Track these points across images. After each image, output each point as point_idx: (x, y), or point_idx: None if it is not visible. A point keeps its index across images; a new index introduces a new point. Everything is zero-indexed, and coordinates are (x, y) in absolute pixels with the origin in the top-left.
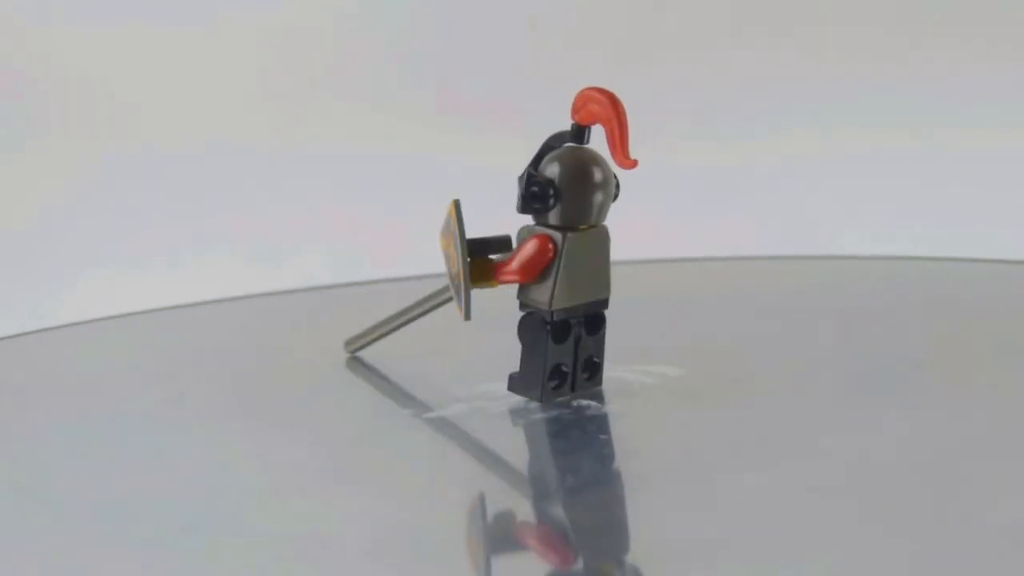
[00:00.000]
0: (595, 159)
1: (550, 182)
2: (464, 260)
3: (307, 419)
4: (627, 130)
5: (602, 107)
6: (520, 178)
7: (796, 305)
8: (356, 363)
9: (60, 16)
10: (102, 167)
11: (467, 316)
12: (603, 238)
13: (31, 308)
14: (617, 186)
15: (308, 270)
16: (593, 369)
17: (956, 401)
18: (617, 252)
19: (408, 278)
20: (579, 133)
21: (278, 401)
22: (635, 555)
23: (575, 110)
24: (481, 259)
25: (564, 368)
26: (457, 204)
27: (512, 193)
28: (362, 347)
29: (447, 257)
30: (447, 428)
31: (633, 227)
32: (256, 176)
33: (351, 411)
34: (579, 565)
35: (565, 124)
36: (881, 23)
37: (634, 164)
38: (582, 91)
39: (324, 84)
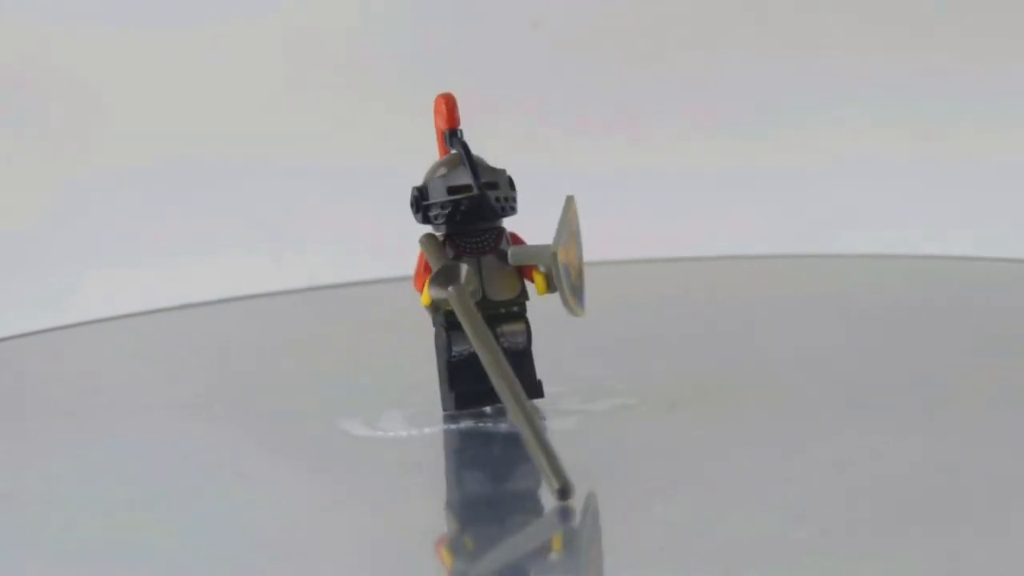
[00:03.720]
0: None
1: None
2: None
3: (307, 419)
4: None
5: None
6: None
7: (793, 305)
8: (359, 364)
9: (61, 17)
10: (103, 167)
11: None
12: None
13: (30, 309)
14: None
15: (308, 270)
16: None
17: (961, 414)
18: (614, 252)
19: (408, 278)
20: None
21: (278, 401)
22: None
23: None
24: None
25: None
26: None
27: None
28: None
29: (567, 266)
30: (452, 434)
31: (630, 227)
32: (257, 176)
33: (351, 412)
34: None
35: (566, 124)
36: (883, 22)
37: None
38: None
39: (325, 84)
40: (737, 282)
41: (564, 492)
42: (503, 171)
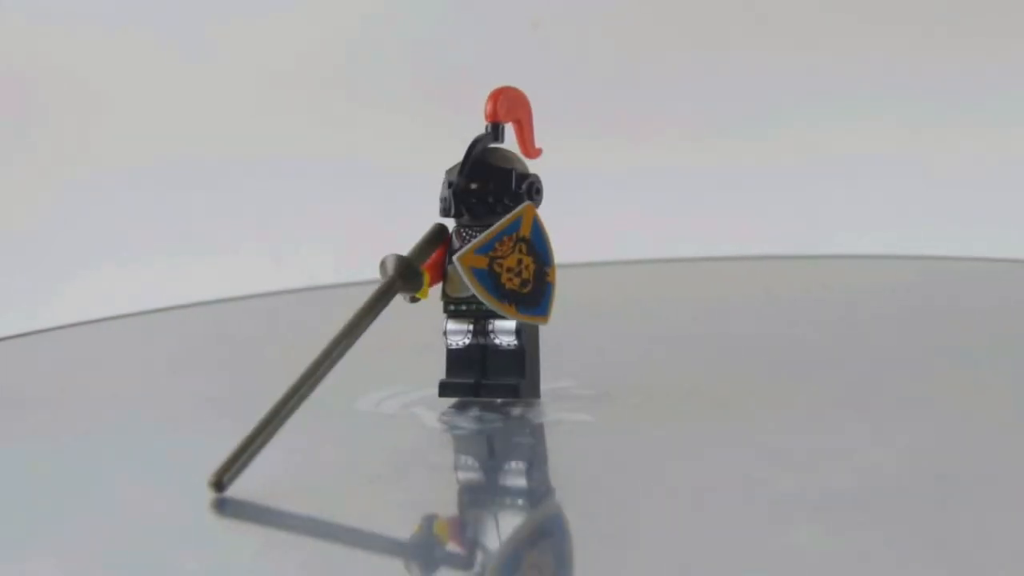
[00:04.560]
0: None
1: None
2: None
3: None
4: None
5: (524, 104)
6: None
7: (789, 305)
8: (354, 362)
9: (61, 18)
10: (103, 167)
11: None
12: None
13: (28, 309)
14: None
15: (309, 270)
16: None
17: (956, 413)
18: (609, 252)
19: None
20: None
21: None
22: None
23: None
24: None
25: None
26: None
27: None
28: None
29: (490, 272)
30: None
31: (629, 226)
32: (257, 175)
33: (346, 410)
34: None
35: (565, 122)
36: (880, 21)
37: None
38: (507, 91)
39: (326, 83)
40: (737, 282)
41: (215, 487)
42: (509, 171)
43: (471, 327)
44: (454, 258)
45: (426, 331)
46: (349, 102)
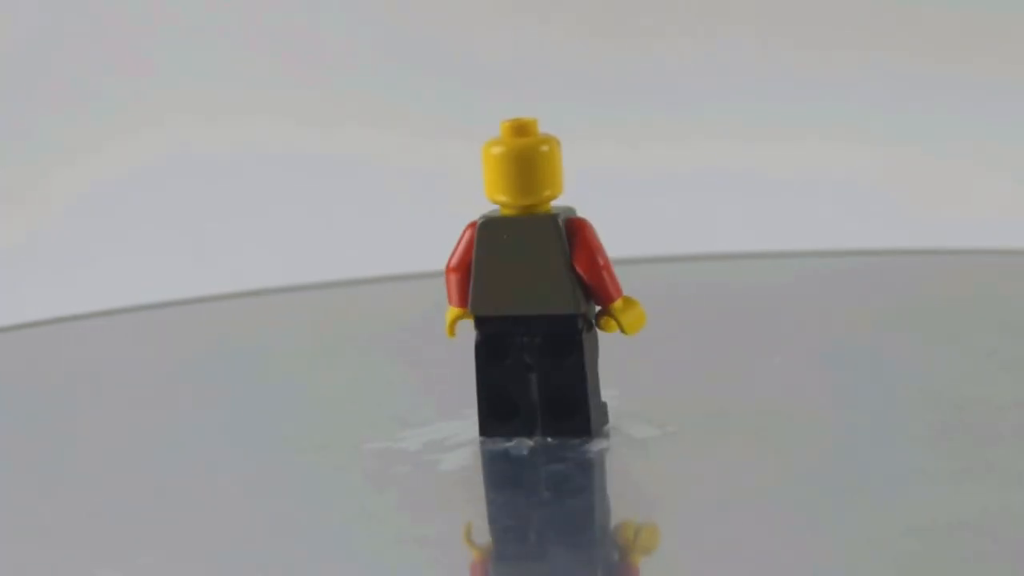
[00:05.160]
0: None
1: None
2: None
3: (290, 421)
4: None
5: None
6: None
7: (789, 306)
8: (351, 365)
9: (61, 13)
10: (101, 167)
11: None
12: (539, 230)
13: (26, 305)
14: None
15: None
16: (564, 410)
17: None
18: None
19: (404, 276)
20: None
21: (265, 401)
22: None
23: None
24: None
25: (517, 399)
26: None
27: None
28: None
29: None
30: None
31: (627, 226)
32: (253, 174)
33: (333, 411)
34: None
35: (565, 120)
36: (884, 23)
37: None
38: None
39: (325, 83)
40: (738, 281)
41: None
42: None
43: None
44: None
45: None
46: (349, 102)
